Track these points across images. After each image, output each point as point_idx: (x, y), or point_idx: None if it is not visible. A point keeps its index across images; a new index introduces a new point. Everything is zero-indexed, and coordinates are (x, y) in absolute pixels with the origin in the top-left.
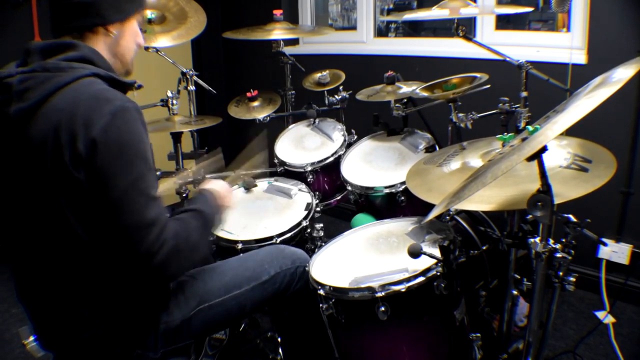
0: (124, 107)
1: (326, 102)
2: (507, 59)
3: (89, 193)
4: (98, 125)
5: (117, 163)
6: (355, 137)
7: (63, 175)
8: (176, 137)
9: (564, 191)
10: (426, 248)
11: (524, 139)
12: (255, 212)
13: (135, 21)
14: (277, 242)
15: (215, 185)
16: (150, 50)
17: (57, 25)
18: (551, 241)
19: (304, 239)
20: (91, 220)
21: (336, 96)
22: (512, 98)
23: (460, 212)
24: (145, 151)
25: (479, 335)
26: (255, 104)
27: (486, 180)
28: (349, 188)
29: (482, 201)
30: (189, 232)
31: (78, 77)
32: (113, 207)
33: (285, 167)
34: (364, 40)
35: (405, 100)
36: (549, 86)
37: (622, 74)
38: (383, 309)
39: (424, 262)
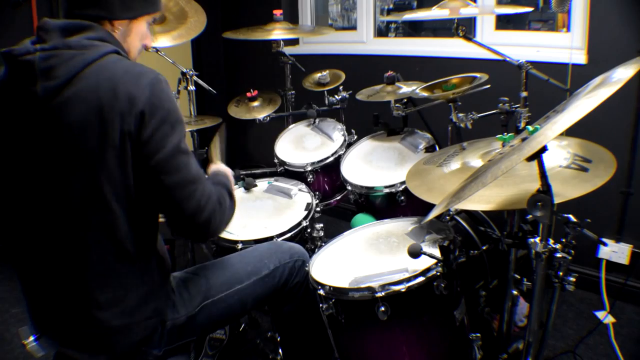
0: (157, 79)
1: (326, 102)
2: (507, 59)
3: (132, 166)
4: (142, 99)
5: (164, 129)
6: (355, 137)
7: (107, 153)
8: None
9: (564, 191)
10: (426, 248)
11: (524, 139)
12: (255, 212)
13: (144, 22)
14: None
15: (223, 167)
16: (150, 50)
17: (68, 12)
18: (551, 241)
19: (304, 239)
20: (132, 194)
21: (336, 96)
22: (512, 98)
23: (460, 212)
24: (181, 115)
25: (479, 335)
26: (255, 104)
27: (486, 180)
28: (349, 188)
29: (482, 201)
30: (222, 191)
31: (103, 54)
32: (161, 170)
33: (285, 167)
34: (364, 40)
35: (405, 100)
36: (549, 86)
37: (621, 74)
38: (383, 309)
39: (424, 262)
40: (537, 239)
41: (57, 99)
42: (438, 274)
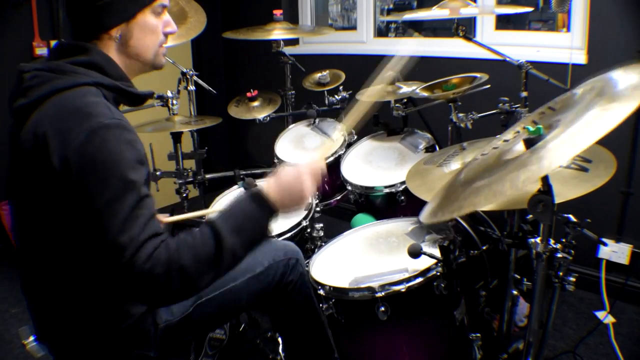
0: (105, 125)
1: (326, 102)
2: (507, 59)
3: (67, 203)
4: (74, 143)
5: (90, 182)
6: (355, 137)
7: (43, 180)
8: (176, 137)
9: (564, 191)
10: (426, 248)
11: (525, 140)
12: None
13: (146, 17)
14: None
15: (278, 177)
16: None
17: (72, 33)
18: (551, 241)
19: (304, 239)
20: (72, 229)
21: (336, 96)
22: (512, 98)
23: None
24: (124, 170)
25: (479, 335)
26: (255, 104)
27: (505, 189)
28: (349, 188)
29: None
30: (180, 252)
31: (76, 85)
32: (89, 225)
33: None
34: (364, 40)
35: (405, 100)
36: (549, 86)
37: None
38: (383, 309)
39: (424, 262)
40: (538, 239)
41: (24, 117)
42: (438, 274)
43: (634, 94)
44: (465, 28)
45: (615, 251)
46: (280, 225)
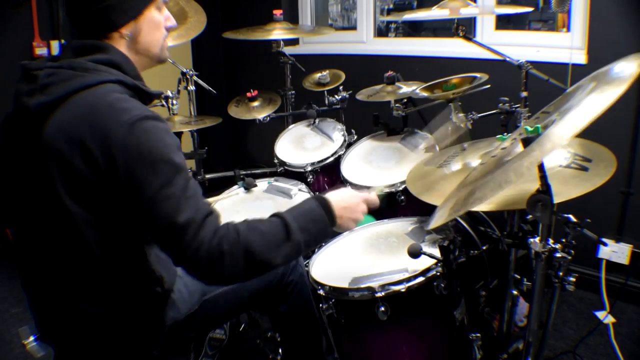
0: (142, 116)
1: (326, 102)
2: (507, 59)
3: (110, 200)
4: (116, 137)
5: (140, 172)
6: (355, 137)
7: (73, 181)
8: (176, 137)
9: (564, 190)
10: (426, 248)
11: (524, 140)
12: (255, 212)
13: (151, 12)
14: None
15: (342, 194)
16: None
17: (79, 33)
18: (551, 241)
19: None
20: (104, 225)
21: (336, 96)
22: (512, 98)
23: None
24: (169, 154)
25: (479, 335)
26: (255, 104)
27: (509, 178)
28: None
29: None
30: (249, 235)
31: (101, 82)
32: (144, 213)
33: (285, 167)
34: (364, 40)
35: (405, 100)
36: (549, 86)
37: (624, 70)
38: (383, 309)
39: (424, 262)
40: (537, 239)
41: (45, 115)
42: (438, 274)
43: (628, 77)
44: (465, 28)
45: (615, 251)
46: None
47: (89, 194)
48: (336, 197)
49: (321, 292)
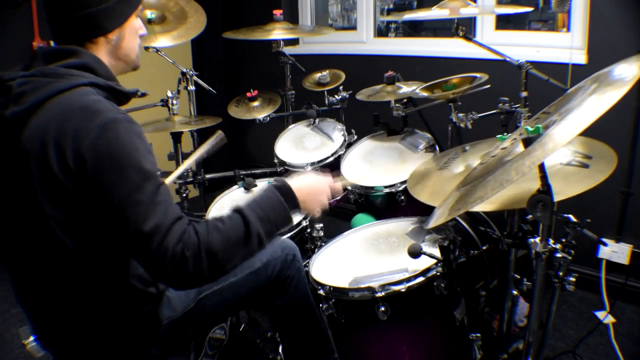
0: (114, 119)
1: (326, 102)
2: (507, 59)
3: (82, 204)
4: (87, 139)
5: (109, 177)
6: (355, 137)
7: (50, 185)
8: (176, 137)
9: (565, 188)
10: (426, 248)
11: (525, 140)
12: None
13: (133, 19)
14: None
15: (306, 179)
16: (150, 50)
17: (58, 36)
18: (551, 241)
19: (304, 239)
20: (81, 229)
21: (336, 96)
22: (512, 98)
23: None
24: (139, 160)
25: (479, 335)
26: (255, 104)
27: (511, 177)
28: (349, 188)
29: None
30: (209, 235)
31: (74, 86)
32: (112, 219)
33: (285, 167)
34: (364, 40)
35: (405, 100)
36: (549, 86)
37: (625, 72)
38: (383, 309)
39: (424, 262)
40: (537, 239)
41: (20, 124)
42: (438, 274)
43: (629, 79)
44: (465, 28)
45: (615, 251)
46: None
47: (65, 198)
48: (298, 182)
49: (321, 292)
